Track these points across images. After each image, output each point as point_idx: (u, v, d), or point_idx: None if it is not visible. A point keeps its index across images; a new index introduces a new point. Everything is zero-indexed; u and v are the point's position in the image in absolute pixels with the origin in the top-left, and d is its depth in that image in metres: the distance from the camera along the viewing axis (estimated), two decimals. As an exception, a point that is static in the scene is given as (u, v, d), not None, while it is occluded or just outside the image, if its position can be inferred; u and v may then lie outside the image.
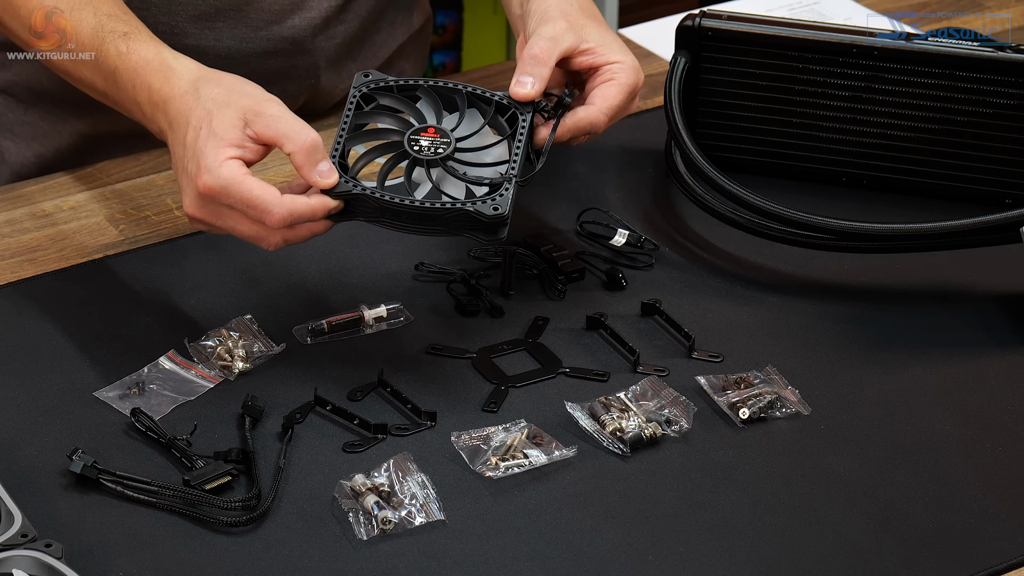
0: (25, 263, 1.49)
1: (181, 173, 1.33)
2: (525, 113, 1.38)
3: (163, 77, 1.36)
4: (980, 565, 1.20)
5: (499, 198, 1.31)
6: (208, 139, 1.30)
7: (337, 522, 1.22)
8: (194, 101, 1.33)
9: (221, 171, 1.29)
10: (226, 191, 1.29)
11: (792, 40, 1.56)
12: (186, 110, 1.33)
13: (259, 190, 1.29)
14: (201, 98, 1.33)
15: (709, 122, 1.61)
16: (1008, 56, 1.51)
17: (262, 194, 1.29)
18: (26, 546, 1.15)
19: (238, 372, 1.36)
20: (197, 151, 1.31)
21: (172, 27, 1.60)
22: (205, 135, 1.31)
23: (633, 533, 1.22)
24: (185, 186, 1.32)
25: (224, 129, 1.31)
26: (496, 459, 1.27)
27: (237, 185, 1.29)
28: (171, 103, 1.35)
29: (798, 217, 1.46)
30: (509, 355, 1.39)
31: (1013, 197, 1.55)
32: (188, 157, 1.31)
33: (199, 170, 1.30)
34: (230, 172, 1.29)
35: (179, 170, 1.33)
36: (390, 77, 1.39)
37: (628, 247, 1.51)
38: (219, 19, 1.61)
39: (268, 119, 1.31)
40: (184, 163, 1.32)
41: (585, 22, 1.44)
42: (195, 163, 1.31)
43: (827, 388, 1.36)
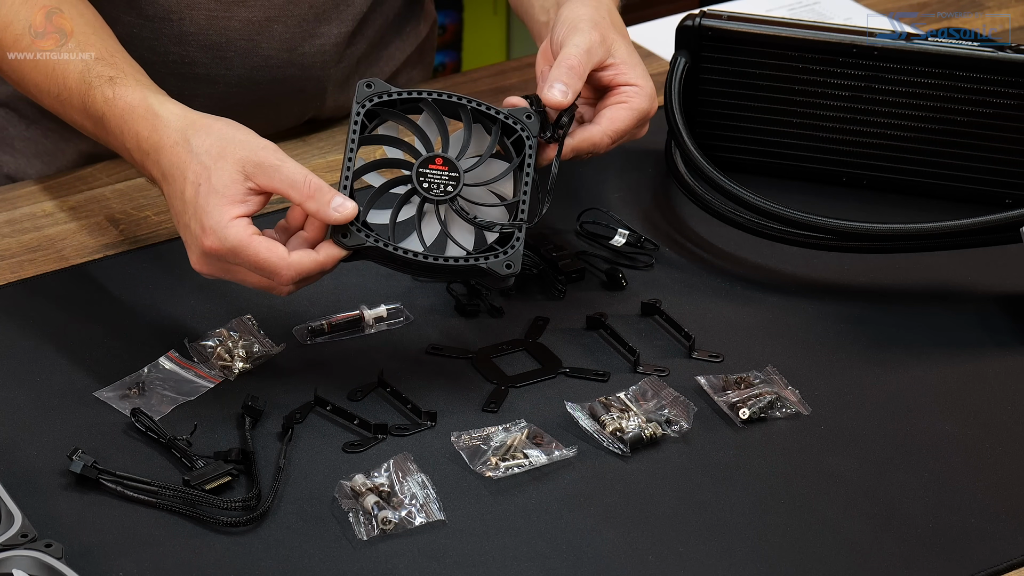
0: (25, 263, 1.49)
1: (184, 229, 1.31)
2: (531, 135, 1.35)
3: (151, 125, 1.34)
4: (980, 565, 1.20)
5: (511, 251, 1.30)
6: (209, 197, 1.28)
7: (337, 522, 1.22)
8: (187, 154, 1.31)
9: (227, 233, 1.27)
10: (233, 253, 1.28)
11: (792, 40, 1.56)
12: (180, 163, 1.31)
13: (266, 253, 1.27)
14: (194, 151, 1.31)
15: (709, 122, 1.61)
16: (1008, 56, 1.52)
17: (269, 257, 1.27)
18: (26, 546, 1.15)
19: (238, 372, 1.36)
20: (199, 210, 1.29)
21: (182, 57, 1.60)
22: (206, 192, 1.29)
23: (633, 533, 1.22)
24: (190, 243, 1.31)
25: (225, 185, 1.29)
26: (496, 459, 1.27)
27: (244, 248, 1.27)
28: (162, 154, 1.33)
29: (798, 217, 1.46)
30: (509, 355, 1.39)
31: (1013, 197, 1.55)
32: (190, 215, 1.30)
33: (204, 231, 1.28)
34: (236, 235, 1.27)
35: (181, 226, 1.32)
36: (393, 88, 1.36)
37: (628, 247, 1.51)
38: (230, 49, 1.60)
39: (269, 170, 1.29)
40: (186, 220, 1.30)
41: (616, 38, 1.43)
42: (198, 223, 1.29)
43: (827, 388, 1.36)
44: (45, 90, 1.44)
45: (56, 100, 1.43)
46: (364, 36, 1.68)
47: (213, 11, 1.58)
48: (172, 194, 1.32)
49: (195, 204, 1.29)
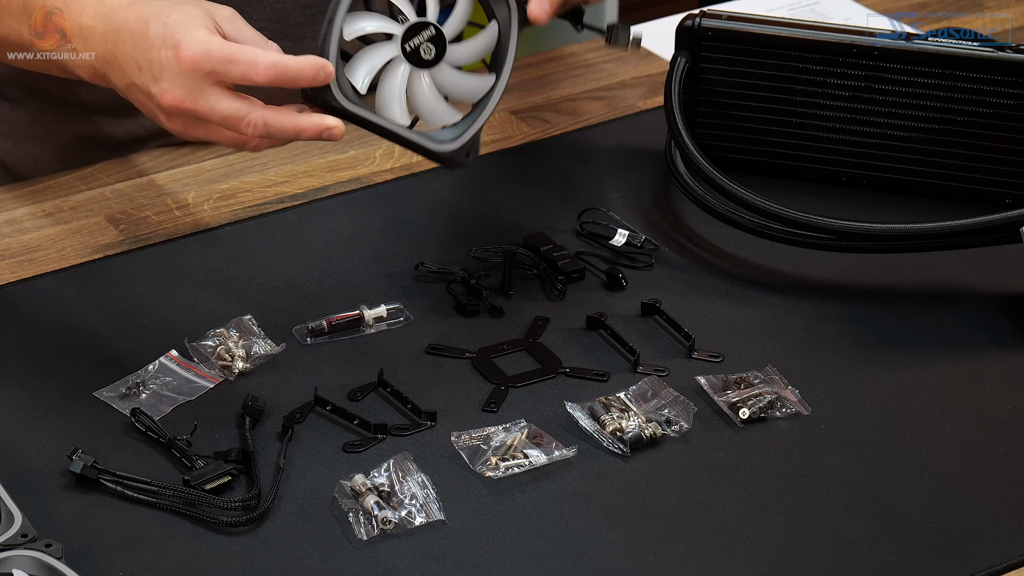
0: (25, 263, 1.49)
1: (146, 69, 1.27)
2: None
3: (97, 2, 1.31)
4: (980, 565, 1.20)
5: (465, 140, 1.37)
6: (179, 20, 1.25)
7: (337, 522, 1.22)
8: (144, 7, 1.28)
9: (203, 37, 1.24)
10: (208, 53, 1.24)
11: (792, 40, 1.56)
12: (139, 14, 1.28)
13: (240, 46, 1.25)
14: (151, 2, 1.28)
15: (709, 122, 1.61)
16: (1008, 56, 1.51)
17: (245, 48, 1.25)
18: (26, 546, 1.15)
19: (238, 372, 1.36)
20: (170, 32, 1.25)
21: None
22: (175, 19, 1.26)
23: (633, 533, 1.22)
24: (160, 73, 1.26)
25: (196, 15, 1.26)
26: (496, 459, 1.27)
27: (220, 45, 1.24)
28: (114, 16, 1.29)
29: (798, 217, 1.46)
30: (509, 355, 1.39)
31: (1013, 197, 1.55)
32: (159, 45, 1.26)
33: (178, 46, 1.25)
34: (210, 36, 1.25)
35: (143, 68, 1.27)
36: None
37: (628, 247, 1.51)
38: None
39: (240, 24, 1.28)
40: (155, 53, 1.26)
41: None
42: (171, 44, 1.25)
43: (827, 388, 1.35)
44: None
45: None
46: None
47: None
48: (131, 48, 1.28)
49: (163, 33, 1.26)
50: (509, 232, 1.52)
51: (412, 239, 1.52)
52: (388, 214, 1.56)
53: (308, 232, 1.54)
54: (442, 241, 1.52)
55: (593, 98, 1.75)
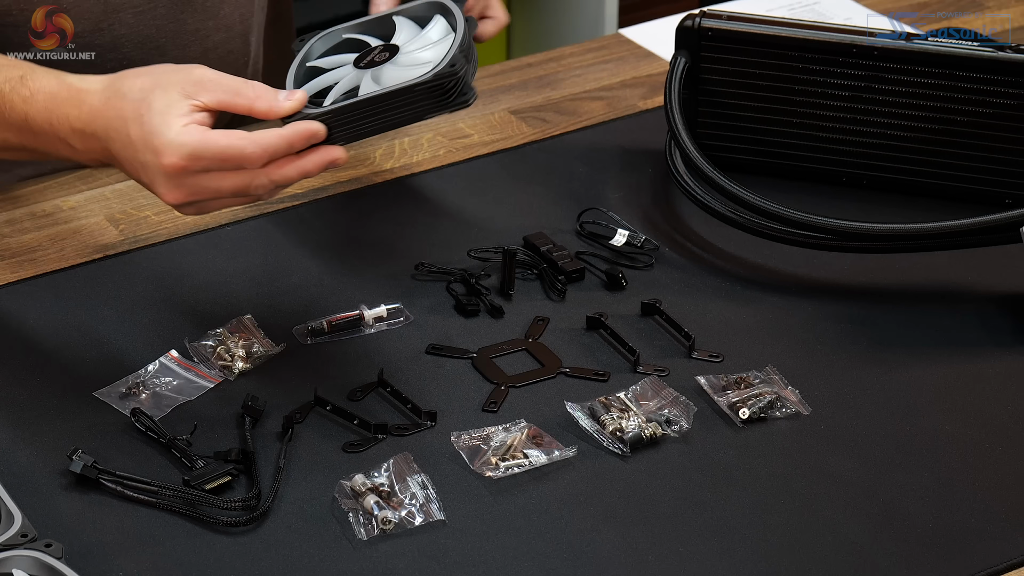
0: (25, 263, 1.49)
1: (141, 171, 1.27)
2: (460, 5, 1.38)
3: (77, 101, 1.31)
4: (980, 565, 1.20)
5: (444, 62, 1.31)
6: (153, 118, 1.25)
7: (337, 522, 1.22)
8: (121, 100, 1.28)
9: (182, 139, 1.24)
10: (195, 156, 1.24)
11: (792, 40, 1.56)
12: (118, 113, 1.28)
13: (225, 139, 1.24)
14: (127, 94, 1.28)
15: (709, 122, 1.61)
16: (1008, 56, 1.51)
17: (230, 141, 1.25)
18: (26, 546, 1.15)
19: (238, 372, 1.36)
20: (147, 135, 1.25)
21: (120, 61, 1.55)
22: (148, 118, 1.25)
23: (633, 533, 1.22)
24: (153, 178, 1.27)
25: (167, 105, 1.26)
26: (496, 459, 1.27)
27: (203, 145, 1.24)
28: (97, 118, 1.29)
29: (798, 217, 1.46)
30: (509, 355, 1.39)
31: (1013, 197, 1.55)
32: (141, 150, 1.26)
33: (158, 152, 1.25)
34: (190, 136, 1.25)
35: (138, 170, 1.28)
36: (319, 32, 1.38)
37: (628, 247, 1.51)
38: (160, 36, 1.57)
39: (209, 85, 1.27)
40: (140, 158, 1.27)
41: None
42: (151, 150, 1.25)
43: (827, 388, 1.36)
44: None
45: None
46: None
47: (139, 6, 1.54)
48: (122, 147, 1.28)
49: (142, 134, 1.25)
50: (509, 232, 1.52)
51: (412, 239, 1.52)
52: (388, 214, 1.56)
53: (308, 232, 1.54)
54: (442, 241, 1.52)
55: (593, 98, 1.75)
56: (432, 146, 1.66)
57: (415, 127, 1.69)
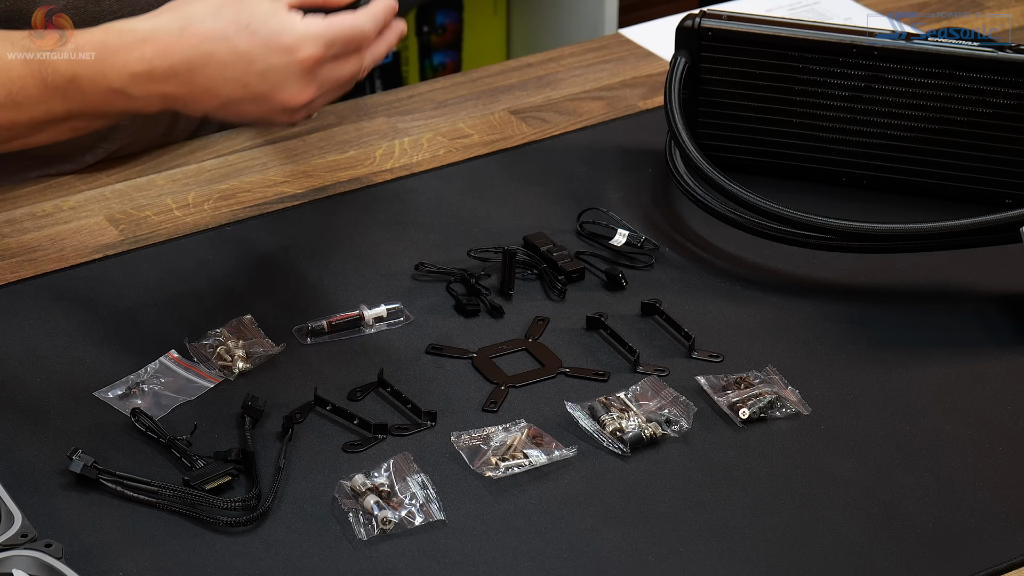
0: (25, 263, 1.49)
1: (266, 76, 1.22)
2: None
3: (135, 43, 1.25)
4: (980, 565, 1.20)
5: None
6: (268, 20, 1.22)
7: (337, 522, 1.22)
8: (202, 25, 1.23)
9: (313, 30, 1.22)
10: (330, 42, 1.23)
11: (792, 40, 1.56)
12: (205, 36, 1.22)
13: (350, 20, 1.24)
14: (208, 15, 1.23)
15: (709, 122, 1.61)
16: (1008, 56, 1.51)
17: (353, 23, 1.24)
18: (26, 546, 1.15)
19: (238, 372, 1.36)
20: (269, 38, 1.21)
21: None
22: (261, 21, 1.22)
23: (633, 533, 1.22)
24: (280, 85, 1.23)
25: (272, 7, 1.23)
26: (496, 459, 1.27)
27: (333, 30, 1.23)
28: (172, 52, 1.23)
29: (798, 217, 1.46)
30: (509, 355, 1.39)
31: (1013, 197, 1.55)
32: (262, 55, 1.22)
33: (292, 49, 1.22)
34: (318, 26, 1.23)
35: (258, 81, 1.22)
36: None
37: (628, 247, 1.51)
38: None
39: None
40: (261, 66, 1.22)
41: None
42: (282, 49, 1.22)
43: (827, 388, 1.36)
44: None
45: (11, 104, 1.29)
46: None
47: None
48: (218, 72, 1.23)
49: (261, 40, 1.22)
50: (509, 232, 1.52)
51: (412, 239, 1.52)
52: (388, 214, 1.56)
53: (308, 232, 1.54)
54: (442, 241, 1.52)
55: (593, 98, 1.75)
56: (432, 146, 1.66)
57: (415, 127, 1.69)
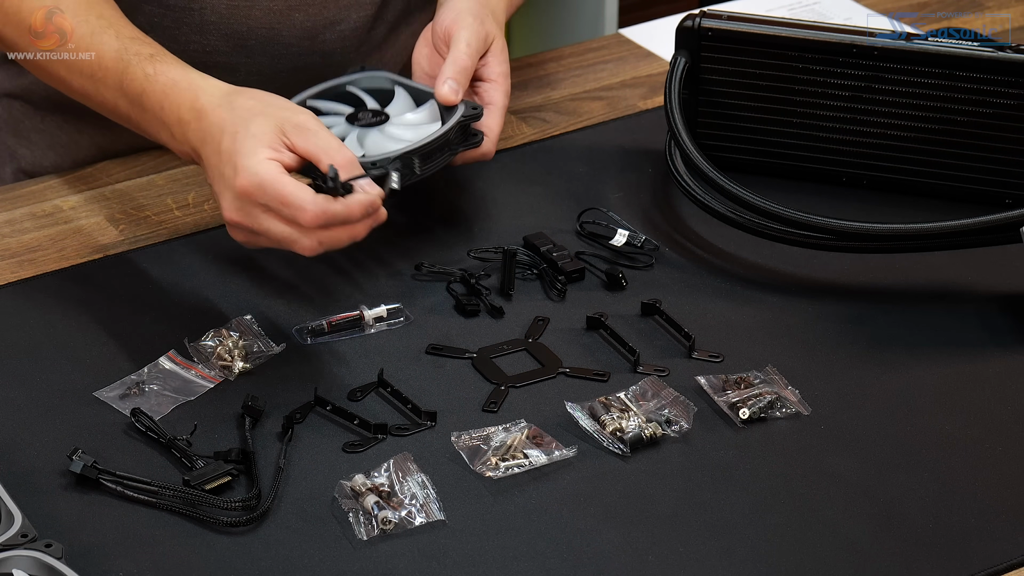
0: (25, 263, 1.49)
1: (217, 180, 1.33)
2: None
3: (192, 96, 1.37)
4: (980, 565, 1.20)
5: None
6: (244, 140, 1.31)
7: (337, 522, 1.22)
8: (228, 112, 1.34)
9: (258, 168, 1.30)
10: (262, 188, 1.30)
11: (792, 40, 1.56)
12: (219, 121, 1.34)
13: (293, 187, 1.30)
14: (235, 109, 1.34)
15: (709, 122, 1.61)
16: (1008, 56, 1.51)
17: (296, 191, 1.29)
18: (26, 546, 1.15)
19: (238, 372, 1.36)
20: (234, 153, 1.31)
21: (203, 46, 1.59)
22: (242, 137, 1.31)
23: (633, 533, 1.22)
24: (223, 191, 1.33)
25: (261, 132, 1.32)
26: (496, 459, 1.27)
27: (272, 182, 1.29)
28: (204, 118, 1.35)
29: (798, 217, 1.46)
30: (509, 355, 1.39)
31: (1013, 197, 1.55)
32: (224, 162, 1.32)
33: (236, 171, 1.31)
34: (267, 170, 1.30)
35: (215, 178, 1.34)
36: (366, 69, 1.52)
37: (628, 247, 1.51)
38: (251, 38, 1.60)
39: (306, 133, 1.32)
40: (220, 169, 1.33)
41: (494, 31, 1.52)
42: (232, 166, 1.31)
43: (827, 388, 1.36)
44: (77, 70, 1.44)
45: (89, 80, 1.44)
46: (384, 20, 1.68)
47: (234, 0, 1.58)
48: (210, 153, 1.34)
49: (231, 150, 1.32)
50: (509, 232, 1.52)
51: (412, 239, 1.52)
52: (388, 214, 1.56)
53: (308, 232, 1.54)
54: (442, 241, 1.52)
55: (593, 98, 1.75)
56: None
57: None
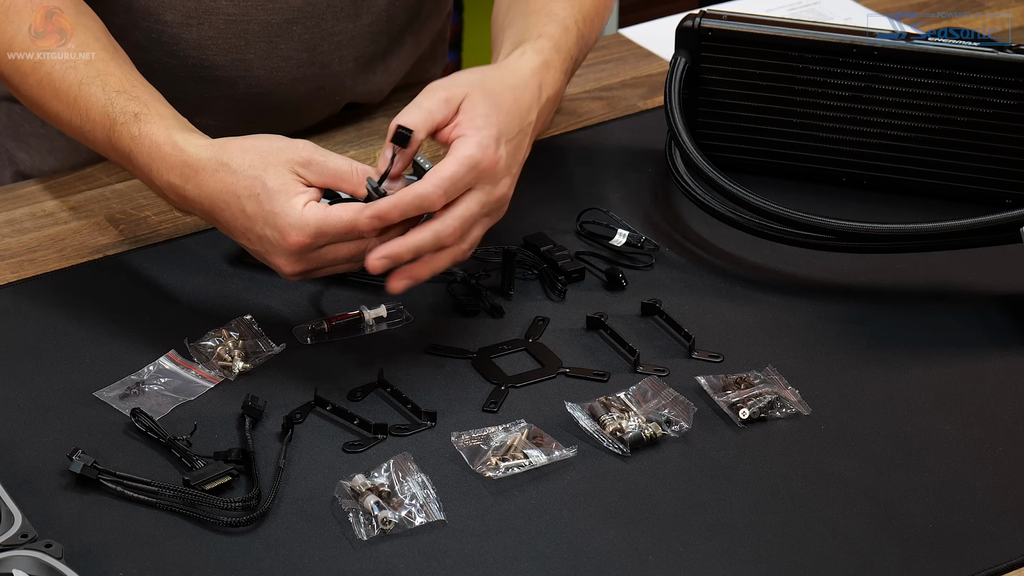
0: (25, 263, 1.49)
1: (258, 242, 1.32)
2: None
3: (180, 167, 1.34)
4: (980, 565, 1.20)
5: None
6: (274, 199, 1.30)
7: (337, 522, 1.22)
8: (231, 175, 1.32)
9: (305, 219, 1.29)
10: (319, 233, 1.29)
11: (792, 40, 1.56)
12: (227, 186, 1.32)
13: (346, 214, 1.29)
14: (237, 170, 1.32)
15: (709, 122, 1.61)
16: (1008, 56, 1.51)
17: (345, 215, 1.29)
18: (26, 546, 1.15)
19: (238, 372, 1.36)
20: (269, 215, 1.30)
21: (202, 61, 1.59)
22: (267, 197, 1.30)
23: (633, 533, 1.22)
24: (271, 251, 1.31)
25: (283, 184, 1.30)
26: (496, 459, 1.27)
27: (326, 222, 1.29)
28: (203, 185, 1.33)
29: (798, 217, 1.46)
30: (509, 355, 1.39)
31: (1013, 197, 1.55)
32: (261, 225, 1.31)
33: (282, 232, 1.29)
34: (314, 215, 1.29)
35: (253, 240, 1.32)
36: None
37: (628, 247, 1.51)
38: (249, 51, 1.59)
39: (316, 166, 1.31)
40: (258, 231, 1.31)
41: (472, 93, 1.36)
42: (274, 228, 1.30)
43: (827, 388, 1.36)
44: (67, 120, 1.43)
45: (79, 131, 1.43)
46: (384, 33, 1.67)
47: (232, 15, 1.57)
48: (231, 218, 1.33)
49: (262, 212, 1.30)
50: (509, 232, 1.52)
51: (412, 239, 1.52)
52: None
53: (308, 232, 1.54)
54: (442, 241, 1.52)
55: (593, 98, 1.75)
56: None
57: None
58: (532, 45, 1.43)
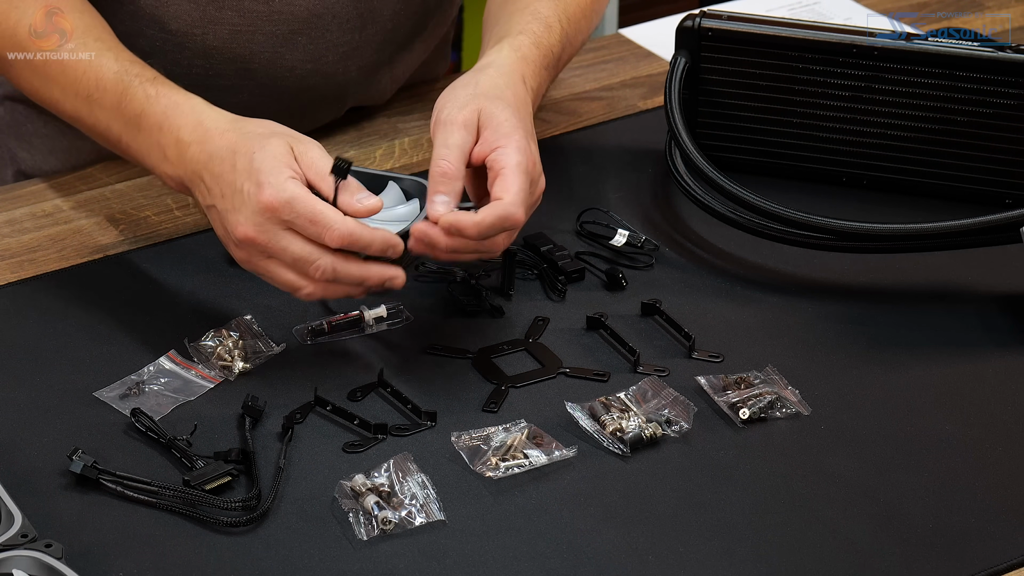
0: (25, 263, 1.49)
1: (230, 197, 1.32)
2: None
3: (195, 119, 1.37)
4: (980, 565, 1.20)
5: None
6: (265, 159, 1.31)
7: (337, 522, 1.22)
8: (238, 135, 1.34)
9: (286, 185, 1.30)
10: (290, 204, 1.29)
11: (792, 40, 1.56)
12: (230, 144, 1.34)
13: (323, 206, 1.30)
14: (245, 133, 1.34)
15: (709, 122, 1.61)
16: (1008, 56, 1.52)
17: (326, 210, 1.29)
18: (26, 546, 1.15)
19: (238, 372, 1.36)
20: (255, 170, 1.31)
21: (207, 70, 1.59)
22: (261, 157, 1.31)
23: (633, 533, 1.22)
24: (238, 207, 1.32)
25: (281, 153, 1.32)
26: (496, 459, 1.27)
27: (303, 198, 1.29)
28: (209, 140, 1.35)
29: (798, 217, 1.46)
30: (509, 355, 1.39)
31: (1013, 197, 1.55)
32: (243, 179, 1.31)
33: (261, 187, 1.30)
34: (295, 187, 1.30)
35: (227, 195, 1.33)
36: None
37: (628, 247, 1.51)
38: (254, 61, 1.59)
39: (311, 159, 1.33)
40: (238, 185, 1.32)
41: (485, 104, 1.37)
42: (254, 182, 1.30)
43: (827, 388, 1.36)
44: (73, 91, 1.44)
45: (85, 100, 1.44)
46: (389, 43, 1.67)
47: (237, 25, 1.57)
48: (216, 175, 1.33)
49: (249, 168, 1.31)
50: (509, 232, 1.52)
51: (412, 239, 1.52)
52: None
53: (308, 232, 1.54)
54: (442, 241, 1.52)
55: (593, 98, 1.75)
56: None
57: (416, 126, 1.69)
58: (510, 41, 1.45)
